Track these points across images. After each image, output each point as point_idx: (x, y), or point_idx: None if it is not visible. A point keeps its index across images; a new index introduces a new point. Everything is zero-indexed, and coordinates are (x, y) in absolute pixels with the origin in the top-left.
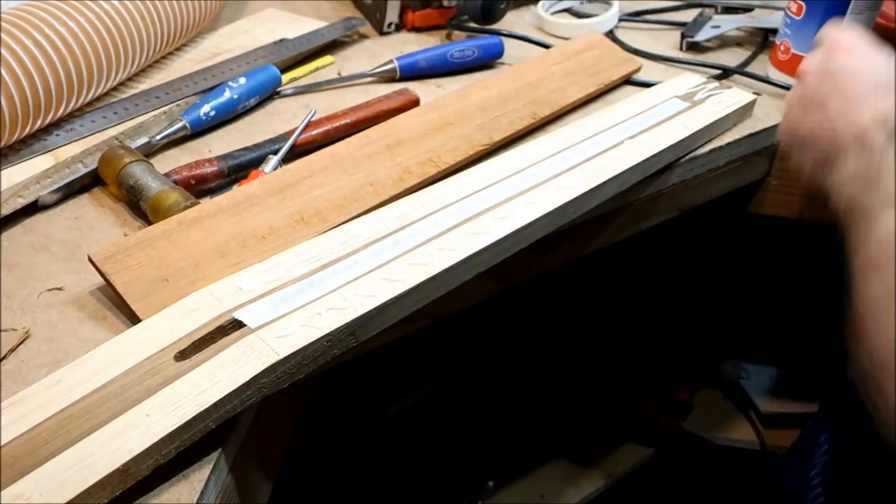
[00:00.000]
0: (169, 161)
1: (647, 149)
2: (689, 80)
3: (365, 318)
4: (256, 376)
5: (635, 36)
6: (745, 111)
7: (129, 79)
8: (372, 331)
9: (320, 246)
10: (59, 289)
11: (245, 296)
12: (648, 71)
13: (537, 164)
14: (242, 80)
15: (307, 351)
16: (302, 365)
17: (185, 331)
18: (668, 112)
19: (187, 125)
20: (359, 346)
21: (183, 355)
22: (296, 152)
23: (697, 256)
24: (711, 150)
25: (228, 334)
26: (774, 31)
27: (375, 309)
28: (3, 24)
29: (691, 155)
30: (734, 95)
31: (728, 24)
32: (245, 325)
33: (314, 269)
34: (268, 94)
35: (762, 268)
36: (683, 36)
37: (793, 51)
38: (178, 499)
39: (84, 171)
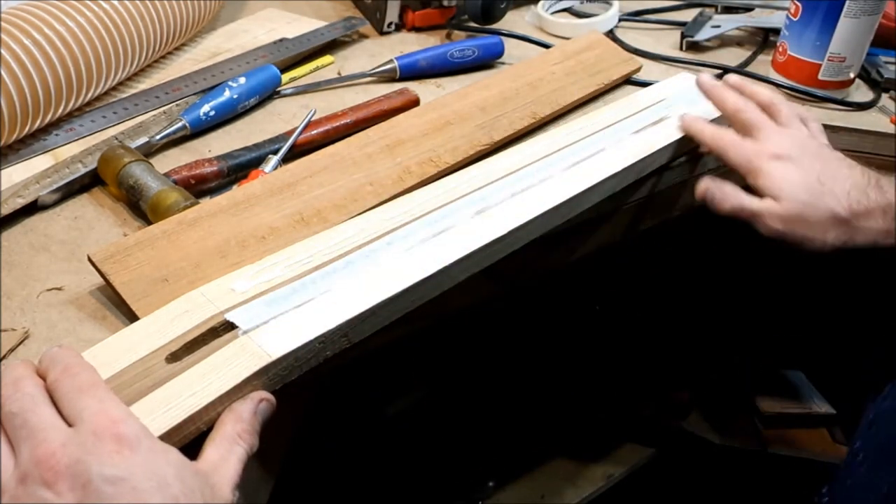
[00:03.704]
0: (169, 161)
1: (639, 150)
2: (685, 79)
3: (358, 320)
4: (248, 378)
5: (635, 36)
6: None
7: (129, 79)
8: (365, 332)
9: (313, 247)
10: (59, 289)
11: (237, 297)
12: (649, 71)
13: (531, 164)
14: (242, 80)
15: (299, 353)
16: (294, 367)
17: (176, 332)
18: (663, 112)
19: (187, 125)
20: (358, 346)
21: (174, 357)
22: (296, 152)
23: (697, 257)
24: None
25: (220, 336)
26: (775, 31)
27: (368, 310)
28: (3, 24)
29: (690, 155)
30: None
31: (728, 24)
32: (237, 327)
33: (307, 270)
34: (268, 93)
35: (763, 268)
36: (683, 36)
37: (789, 52)
38: None
39: (84, 170)
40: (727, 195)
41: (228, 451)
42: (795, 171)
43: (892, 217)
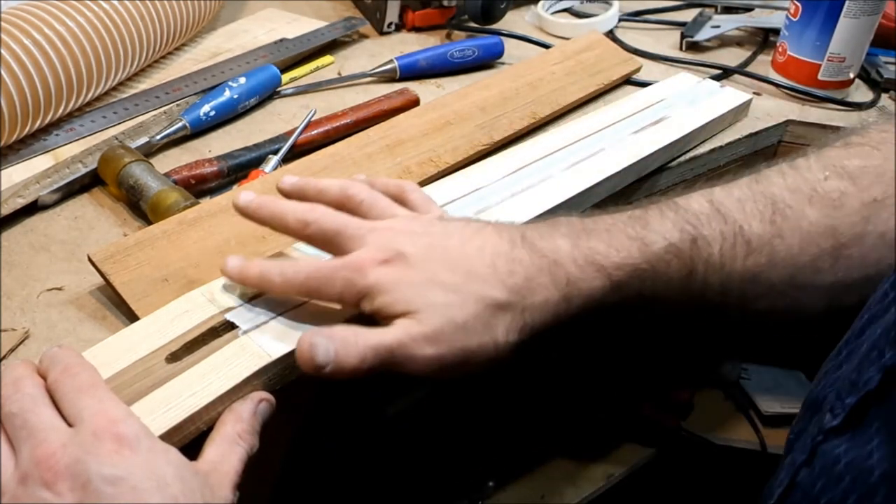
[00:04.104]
0: (169, 161)
1: (640, 149)
2: (685, 79)
3: (357, 320)
4: (248, 378)
5: (635, 36)
6: (741, 111)
7: (129, 79)
8: None
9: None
10: (59, 289)
11: (237, 297)
12: (648, 71)
13: (531, 164)
14: (242, 80)
15: None
16: (294, 367)
17: (176, 332)
18: (663, 112)
19: (187, 125)
20: None
21: (174, 357)
22: (296, 152)
23: None
24: (711, 150)
25: (220, 336)
26: (775, 31)
27: None
28: (3, 24)
29: (691, 154)
30: (730, 95)
31: (728, 24)
32: (237, 327)
33: None
34: (268, 93)
35: None
36: (683, 36)
37: (789, 52)
38: None
39: (84, 170)
40: (347, 342)
41: (229, 451)
42: (415, 271)
43: (563, 280)
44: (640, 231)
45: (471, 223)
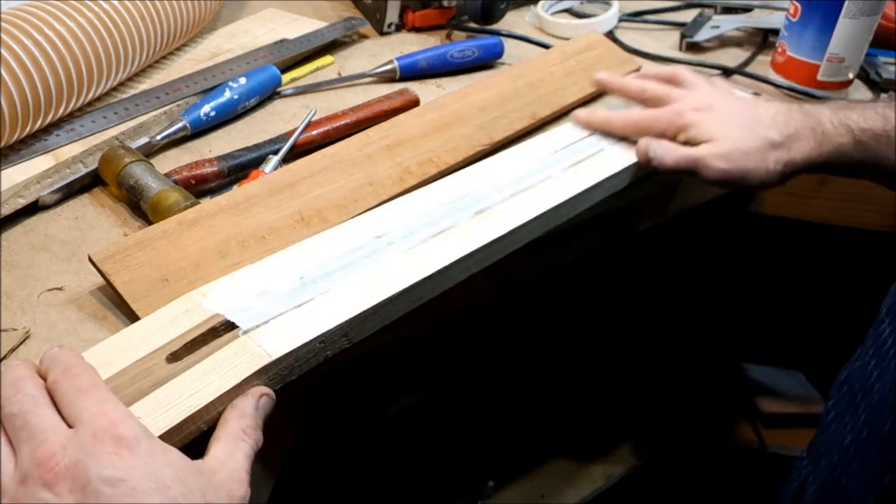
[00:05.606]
0: (169, 161)
1: None
2: None
3: (358, 320)
4: (248, 378)
5: (635, 36)
6: None
7: (129, 79)
8: (365, 332)
9: (313, 247)
10: (59, 289)
11: (237, 297)
12: None
13: (531, 164)
14: (242, 80)
15: (300, 353)
16: (294, 366)
17: (177, 332)
18: None
19: (187, 125)
20: (359, 346)
21: (175, 357)
22: (296, 152)
23: (697, 256)
24: None
25: (221, 336)
26: (774, 32)
27: (368, 310)
28: (3, 24)
29: None
30: None
31: (727, 25)
32: (237, 327)
33: (307, 270)
34: (268, 94)
35: (762, 267)
36: (683, 36)
37: (788, 53)
38: None
39: (84, 171)
40: (668, 150)
41: (235, 448)
42: (719, 115)
43: (821, 133)
44: (887, 112)
45: (750, 96)
